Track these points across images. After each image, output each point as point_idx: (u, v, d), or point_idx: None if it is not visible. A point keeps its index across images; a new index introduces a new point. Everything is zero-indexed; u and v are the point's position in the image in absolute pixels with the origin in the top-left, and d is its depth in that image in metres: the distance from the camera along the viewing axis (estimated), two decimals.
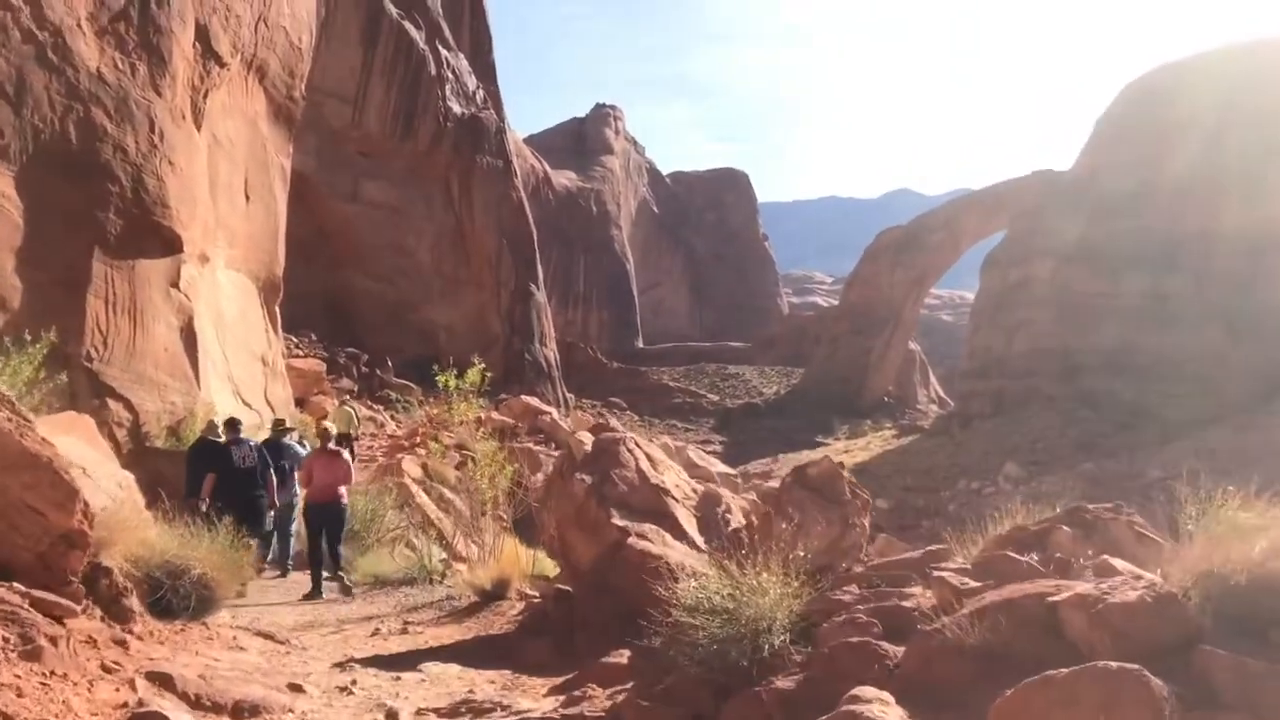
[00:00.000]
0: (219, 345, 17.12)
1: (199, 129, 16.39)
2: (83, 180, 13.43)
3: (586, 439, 7.95)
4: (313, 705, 5.29)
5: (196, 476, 10.40)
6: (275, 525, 11.86)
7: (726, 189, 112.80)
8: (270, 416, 16.47)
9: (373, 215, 43.46)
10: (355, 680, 5.92)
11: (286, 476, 11.64)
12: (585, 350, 72.95)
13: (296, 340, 35.79)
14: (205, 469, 10.36)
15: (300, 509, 11.52)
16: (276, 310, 21.26)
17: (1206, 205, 47.75)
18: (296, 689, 5.50)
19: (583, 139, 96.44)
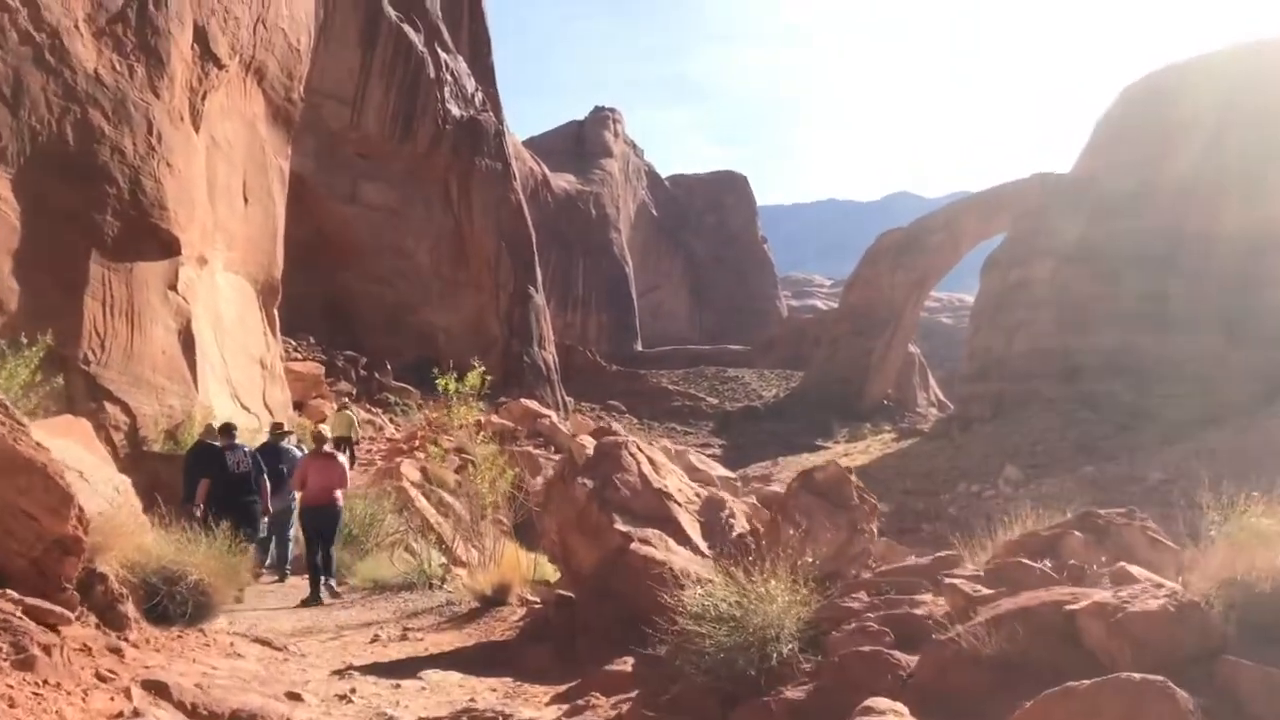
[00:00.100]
0: (217, 348, 17.04)
1: (197, 131, 16.32)
2: (80, 182, 13.35)
3: (588, 443, 7.84)
4: (311, 714, 5.20)
5: (193, 481, 10.33)
6: (273, 529, 11.78)
7: (726, 192, 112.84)
8: (269, 420, 16.38)
9: (371, 217, 43.39)
10: (354, 688, 5.83)
11: (284, 480, 11.54)
12: (584, 353, 72.89)
13: (295, 343, 35.70)
14: (201, 473, 10.28)
15: (297, 513, 11.43)
16: (275, 313, 21.19)
17: (1207, 206, 47.74)
18: (295, 698, 5.41)
19: (582, 142, 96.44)
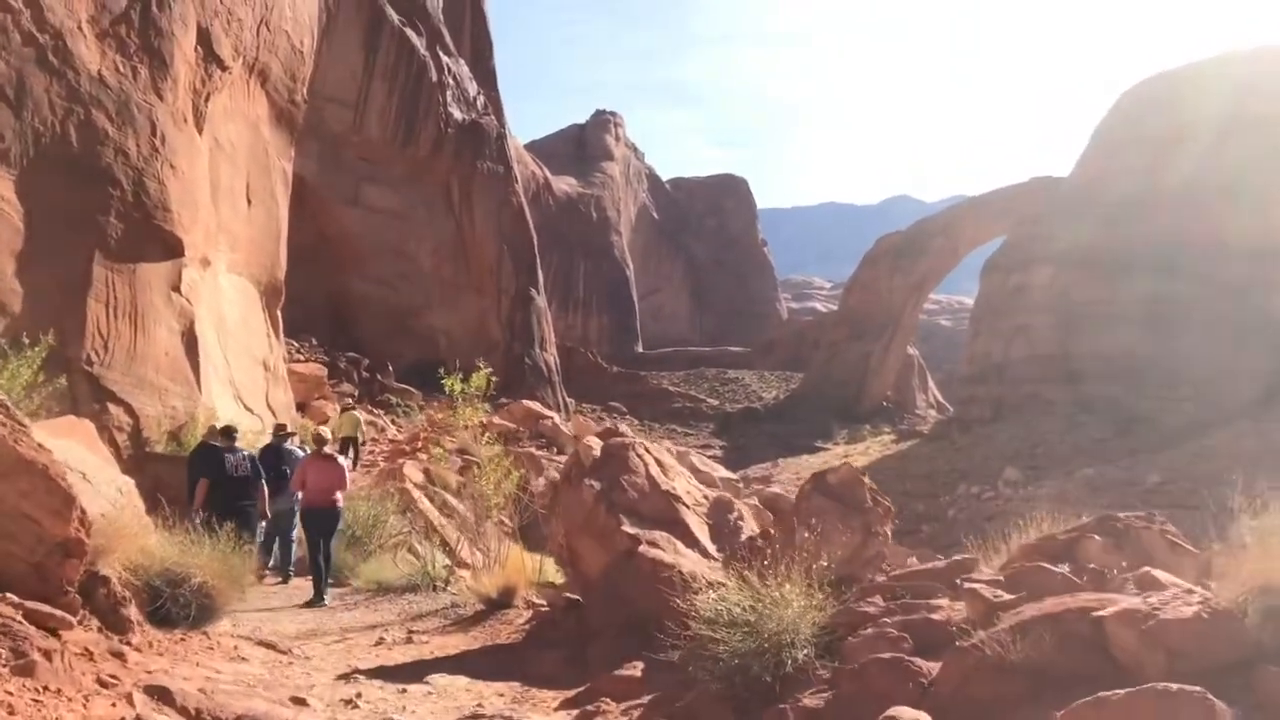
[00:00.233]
0: (220, 349, 16.98)
1: (200, 132, 16.28)
2: (84, 184, 13.31)
3: (595, 444, 7.76)
4: None
5: (195, 482, 10.30)
6: (277, 531, 11.72)
7: (726, 195, 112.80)
8: (271, 421, 16.31)
9: (373, 220, 43.34)
10: (360, 693, 5.75)
11: (288, 482, 11.48)
12: (585, 355, 72.81)
13: (297, 345, 35.65)
14: (200, 474, 10.26)
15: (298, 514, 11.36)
16: (278, 314, 21.14)
17: (1207, 211, 47.69)
18: (300, 703, 5.34)
19: (583, 145, 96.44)
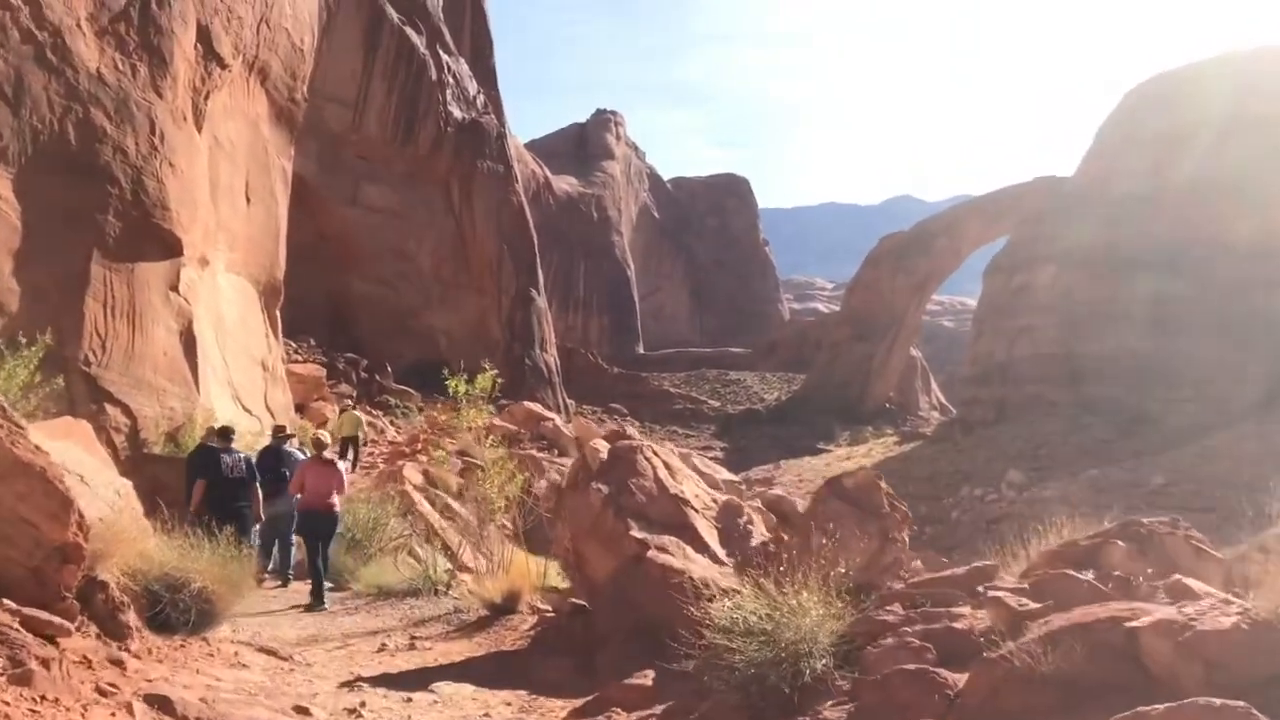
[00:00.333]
0: (219, 350, 16.87)
1: (200, 131, 16.17)
2: (82, 182, 13.21)
3: (601, 447, 7.65)
4: None
5: (192, 483, 10.21)
6: (276, 534, 11.61)
7: (727, 195, 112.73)
8: (270, 422, 16.21)
9: (373, 220, 43.23)
10: (364, 702, 5.63)
11: (286, 484, 11.37)
12: (586, 356, 72.70)
13: (295, 345, 35.53)
14: (197, 474, 10.17)
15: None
16: (277, 314, 21.03)
17: (1210, 211, 47.65)
18: (303, 712, 5.23)
19: (584, 144, 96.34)
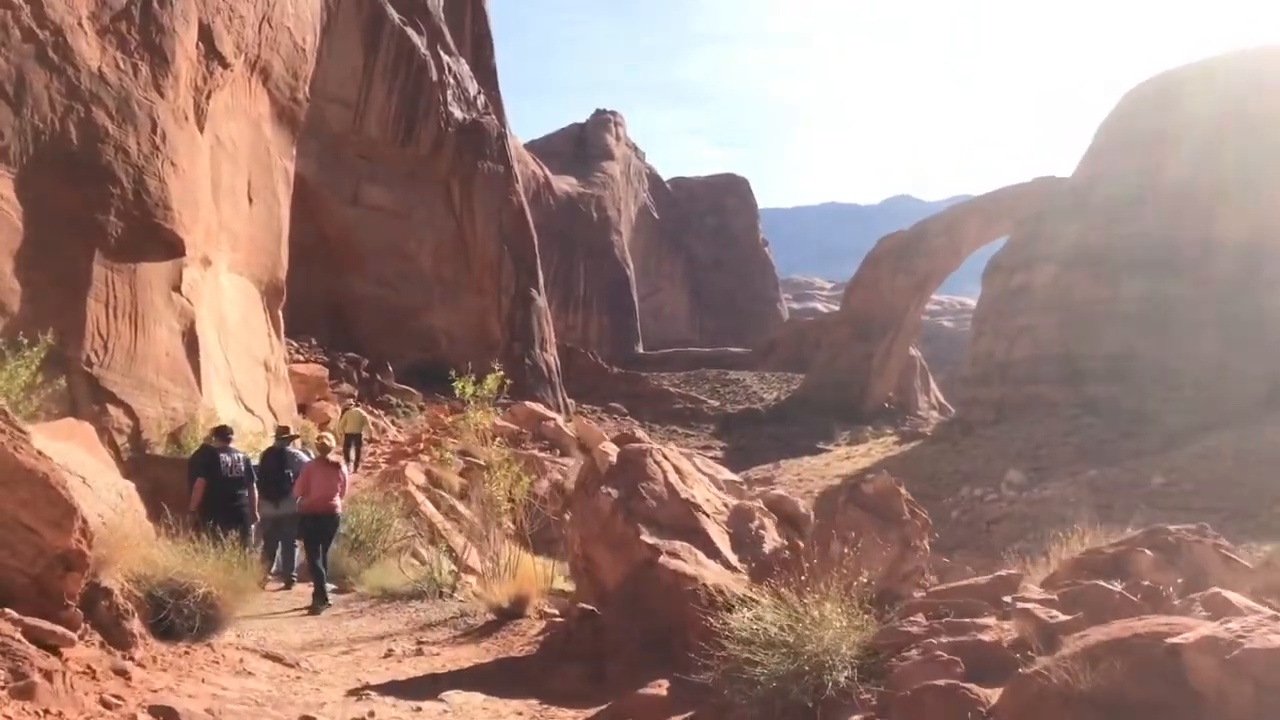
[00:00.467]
0: (221, 350, 16.77)
1: (202, 130, 16.07)
2: (83, 182, 13.11)
3: (610, 450, 7.56)
4: None
5: (194, 483, 10.16)
6: (279, 536, 11.52)
7: (727, 195, 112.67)
8: (272, 422, 16.12)
9: (373, 220, 43.11)
10: (373, 711, 5.53)
11: (290, 485, 11.27)
12: (585, 355, 72.61)
13: (297, 345, 35.42)
14: (198, 474, 10.11)
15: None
16: (279, 314, 20.93)
17: (1207, 211, 47.67)
18: None
19: (583, 144, 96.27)
